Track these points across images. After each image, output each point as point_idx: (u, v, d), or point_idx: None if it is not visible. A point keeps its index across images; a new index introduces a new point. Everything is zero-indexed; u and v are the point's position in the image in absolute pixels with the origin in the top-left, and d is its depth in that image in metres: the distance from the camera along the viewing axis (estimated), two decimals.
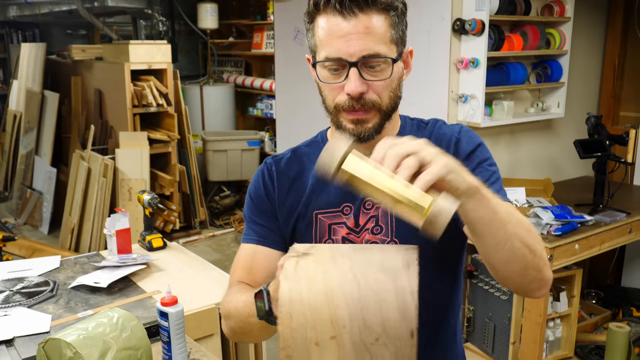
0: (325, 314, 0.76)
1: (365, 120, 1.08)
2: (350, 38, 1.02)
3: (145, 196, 2.30)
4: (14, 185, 6.24)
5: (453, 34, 2.72)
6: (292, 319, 0.78)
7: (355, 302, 0.76)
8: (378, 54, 1.03)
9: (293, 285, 0.79)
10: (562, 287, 2.79)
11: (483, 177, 1.10)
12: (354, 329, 0.75)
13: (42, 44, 6.38)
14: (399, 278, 0.77)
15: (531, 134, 3.21)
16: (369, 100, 1.06)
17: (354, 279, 0.78)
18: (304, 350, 0.77)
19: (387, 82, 1.06)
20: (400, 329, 0.74)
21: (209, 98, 6.16)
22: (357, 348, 0.75)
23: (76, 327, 1.10)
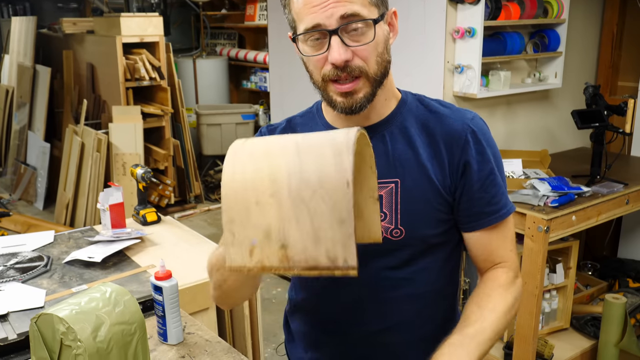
0: (265, 172, 0.78)
1: (354, 91, 1.05)
2: (327, 5, 0.99)
3: (138, 170, 2.27)
4: (8, 161, 6.20)
5: (449, 3, 2.67)
6: (234, 179, 0.79)
7: (294, 161, 0.77)
8: (357, 14, 1.00)
9: (238, 152, 0.81)
10: (558, 258, 2.79)
11: (490, 190, 1.12)
12: (292, 184, 0.76)
13: (33, 18, 6.28)
14: (337, 140, 0.78)
15: (528, 104, 3.18)
16: (355, 67, 1.03)
17: (295, 144, 0.80)
18: (245, 211, 0.78)
19: (372, 45, 1.03)
20: (335, 180, 0.75)
21: (202, 71, 6.09)
22: (296, 203, 0.76)
23: (69, 302, 1.08)
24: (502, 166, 1.16)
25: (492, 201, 1.12)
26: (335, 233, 0.75)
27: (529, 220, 2.40)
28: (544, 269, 2.43)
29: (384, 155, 1.13)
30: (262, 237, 0.77)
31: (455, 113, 1.15)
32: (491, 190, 1.12)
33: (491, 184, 1.12)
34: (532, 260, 2.41)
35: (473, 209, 1.13)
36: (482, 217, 1.13)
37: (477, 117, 1.16)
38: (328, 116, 1.20)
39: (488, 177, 1.12)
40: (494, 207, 1.13)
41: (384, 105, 1.15)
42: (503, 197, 1.14)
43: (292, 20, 1.06)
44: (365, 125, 1.14)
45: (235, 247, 0.79)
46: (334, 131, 0.83)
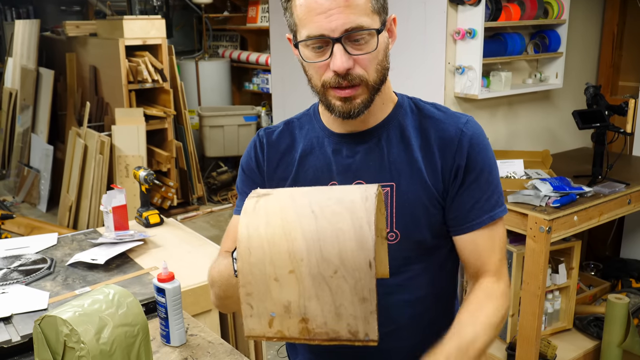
0: (283, 247, 0.75)
1: (353, 97, 1.06)
2: (331, 13, 0.99)
3: (141, 172, 2.29)
4: (12, 163, 6.22)
5: (449, 4, 2.68)
6: (250, 254, 0.77)
7: (312, 234, 0.75)
8: (361, 26, 1.01)
9: (251, 221, 0.78)
10: (560, 259, 2.80)
11: (479, 193, 1.12)
12: (312, 261, 0.74)
13: (36, 21, 6.30)
14: (356, 210, 0.76)
15: (529, 105, 3.19)
16: (355, 75, 1.04)
17: (312, 213, 0.77)
18: (264, 287, 0.76)
19: (373, 54, 1.04)
20: (358, 259, 0.73)
21: (204, 73, 6.11)
22: (317, 281, 0.74)
23: (72, 304, 1.09)
24: (496, 170, 1.16)
25: (479, 204, 1.13)
26: (356, 309, 0.74)
27: (530, 220, 2.40)
28: (546, 269, 2.43)
29: (379, 159, 1.14)
30: (282, 311, 0.77)
31: (450, 117, 1.16)
32: (479, 193, 1.13)
33: (480, 187, 1.13)
34: (534, 260, 2.41)
35: (461, 212, 1.13)
36: (468, 220, 1.13)
37: (471, 121, 1.16)
38: (325, 119, 1.21)
39: (477, 180, 1.12)
40: (481, 210, 1.13)
41: (381, 109, 1.15)
42: (491, 200, 1.14)
43: (294, 24, 1.07)
44: (362, 129, 1.15)
45: (254, 318, 0.78)
46: (349, 191, 0.80)
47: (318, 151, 1.18)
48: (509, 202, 2.50)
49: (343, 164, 1.15)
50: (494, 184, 1.14)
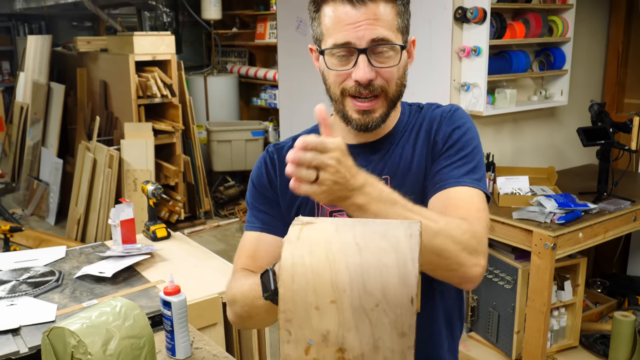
0: (326, 277, 0.76)
1: (372, 110, 1.10)
2: (360, 25, 1.04)
3: (149, 187, 2.32)
4: (22, 176, 6.28)
5: (455, 22, 2.71)
6: (293, 281, 0.78)
7: (356, 267, 0.76)
8: (387, 40, 1.05)
9: (295, 250, 0.79)
10: (566, 275, 2.80)
11: (447, 162, 1.13)
12: (354, 293, 0.75)
13: (48, 36, 6.40)
14: (400, 246, 0.77)
15: (534, 122, 3.20)
16: (377, 86, 1.08)
17: (356, 246, 0.78)
18: (304, 314, 0.77)
19: (394, 69, 1.08)
20: (400, 295, 0.74)
21: (213, 88, 6.17)
22: (357, 313, 0.75)
23: (80, 315, 1.11)
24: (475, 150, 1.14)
25: (443, 171, 1.12)
26: (394, 344, 0.75)
27: (535, 237, 2.41)
28: (551, 286, 2.44)
29: (390, 165, 1.18)
30: (320, 339, 0.77)
31: (440, 108, 1.22)
32: (443, 162, 1.13)
33: (447, 157, 1.13)
34: (539, 277, 2.41)
35: (433, 177, 1.13)
36: (438, 182, 1.12)
37: (456, 106, 1.22)
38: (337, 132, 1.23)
39: (445, 152, 1.14)
40: (443, 176, 1.11)
41: (391, 120, 1.20)
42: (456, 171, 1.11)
43: (321, 34, 1.11)
44: (374, 139, 1.19)
45: (291, 344, 0.79)
46: (393, 226, 0.81)
47: None
48: (514, 218, 2.51)
49: None
50: (466, 159, 1.12)
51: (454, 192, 1.09)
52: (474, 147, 1.14)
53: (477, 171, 1.12)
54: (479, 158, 1.15)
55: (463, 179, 1.10)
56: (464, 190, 1.09)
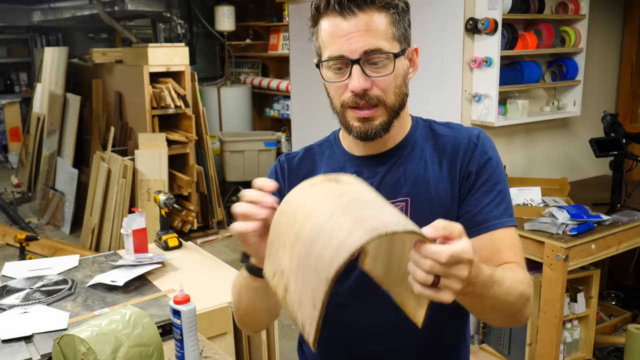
0: (297, 225, 0.83)
1: (371, 118, 1.10)
2: (352, 36, 1.04)
3: (161, 196, 2.34)
4: (38, 186, 6.36)
5: (466, 33, 2.72)
6: (281, 215, 0.88)
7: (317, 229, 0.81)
8: (379, 49, 1.05)
9: (300, 193, 0.88)
10: (579, 287, 2.77)
11: (487, 198, 1.13)
12: (302, 249, 0.81)
13: (65, 48, 6.49)
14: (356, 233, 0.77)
15: (547, 132, 3.19)
16: (373, 96, 1.08)
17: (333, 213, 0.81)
18: (278, 246, 0.86)
19: (390, 77, 1.08)
20: (323, 270, 0.77)
21: (226, 99, 6.21)
22: (299, 267, 0.81)
23: (90, 323, 1.13)
24: (505, 183, 1.17)
25: (484, 210, 1.13)
26: (308, 310, 0.80)
27: (547, 248, 2.39)
28: (563, 298, 2.42)
29: (397, 178, 1.17)
30: (279, 272, 0.86)
31: (462, 131, 1.20)
32: (484, 200, 1.13)
33: (486, 193, 1.14)
34: (551, 289, 2.40)
35: (466, 216, 1.14)
36: (474, 225, 1.13)
37: (482, 133, 1.20)
38: (345, 144, 1.25)
39: (483, 186, 1.14)
40: (486, 216, 1.13)
41: (399, 132, 1.20)
42: (497, 209, 1.13)
43: (319, 48, 1.13)
44: (381, 151, 1.19)
45: (267, 263, 0.90)
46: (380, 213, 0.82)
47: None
48: (526, 229, 2.50)
49: None
50: (502, 194, 1.15)
51: (498, 235, 1.12)
52: (504, 179, 1.17)
53: (510, 204, 1.16)
54: (507, 188, 1.17)
55: (503, 219, 1.13)
56: (507, 233, 1.12)
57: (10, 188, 6.90)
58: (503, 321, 1.07)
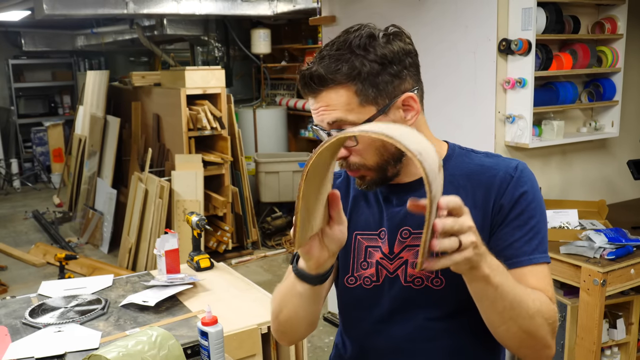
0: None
1: (361, 177, 1.14)
2: (318, 112, 1.10)
3: (193, 218, 2.37)
4: (78, 205, 6.52)
5: (499, 54, 2.69)
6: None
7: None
8: (340, 121, 1.08)
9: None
10: (619, 313, 2.68)
11: (519, 233, 1.11)
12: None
13: (106, 72, 6.68)
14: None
15: (584, 154, 3.13)
16: (352, 163, 1.12)
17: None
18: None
19: (368, 143, 1.09)
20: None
21: (261, 121, 6.29)
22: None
23: (117, 344, 1.15)
24: (541, 218, 1.14)
25: (515, 245, 1.11)
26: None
27: (584, 272, 2.33)
28: (601, 323, 2.35)
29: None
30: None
31: (500, 162, 1.17)
32: (516, 234, 1.11)
33: (517, 228, 1.12)
34: (588, 314, 2.33)
35: (504, 249, 1.12)
36: (510, 258, 1.11)
37: (522, 165, 1.17)
38: None
39: (515, 220, 1.12)
40: (516, 251, 1.11)
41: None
42: (527, 245, 1.11)
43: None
44: (408, 181, 1.19)
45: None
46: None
47: (372, 199, 1.23)
48: (562, 252, 2.44)
49: (392, 211, 1.19)
50: (535, 229, 1.12)
51: (528, 271, 1.10)
52: (541, 213, 1.14)
53: (544, 240, 1.14)
54: (544, 223, 1.15)
55: (535, 256, 1.11)
56: (538, 270, 1.11)
57: (52, 208, 7.10)
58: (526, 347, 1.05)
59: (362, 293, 1.22)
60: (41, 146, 9.06)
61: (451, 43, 2.89)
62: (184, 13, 5.27)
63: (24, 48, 8.68)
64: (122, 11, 5.10)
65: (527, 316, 1.00)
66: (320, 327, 3.89)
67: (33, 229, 6.45)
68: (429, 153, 0.86)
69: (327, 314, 3.97)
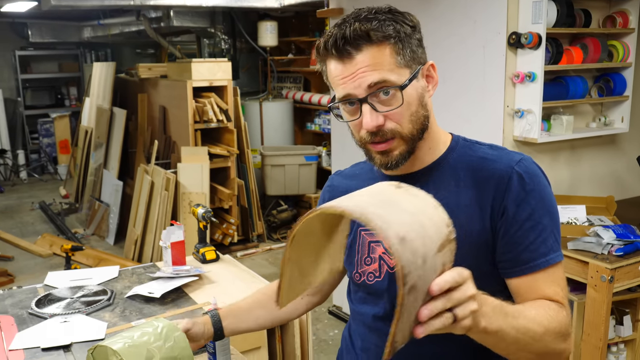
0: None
1: (390, 149, 1.09)
2: (354, 76, 1.04)
3: (199, 210, 2.36)
4: (84, 197, 6.53)
5: (509, 47, 2.67)
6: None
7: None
8: (384, 81, 1.04)
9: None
10: (626, 310, 2.67)
11: (533, 234, 1.08)
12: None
13: (112, 63, 6.68)
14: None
15: (593, 149, 3.10)
16: (388, 130, 1.07)
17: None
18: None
19: (403, 107, 1.06)
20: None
21: (268, 114, 6.27)
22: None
23: (122, 335, 1.14)
24: (552, 212, 1.11)
25: (530, 248, 1.08)
26: None
27: (591, 269, 2.32)
28: (608, 320, 2.33)
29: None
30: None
31: (504, 156, 1.13)
32: (530, 235, 1.08)
33: (531, 229, 1.08)
34: (595, 310, 2.32)
35: (510, 254, 1.09)
36: (518, 264, 1.09)
37: (525, 160, 1.12)
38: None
39: (527, 221, 1.08)
40: (532, 254, 1.08)
41: (428, 153, 1.16)
42: (547, 244, 1.08)
43: (330, 86, 1.13)
44: (411, 171, 1.17)
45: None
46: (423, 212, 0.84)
47: None
48: (569, 248, 2.43)
49: None
50: (548, 227, 1.08)
51: (542, 276, 1.08)
52: (552, 209, 1.10)
53: (558, 236, 1.10)
54: (556, 218, 1.11)
55: (550, 256, 1.08)
56: (552, 271, 1.08)
57: (58, 199, 7.12)
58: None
59: (366, 289, 1.22)
60: (48, 137, 9.08)
61: (460, 37, 2.87)
62: (190, 5, 5.26)
63: (31, 39, 8.69)
64: (129, 2, 5.09)
65: (534, 341, 0.97)
66: (325, 320, 3.89)
67: (39, 220, 6.47)
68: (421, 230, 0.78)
69: (332, 307, 3.97)
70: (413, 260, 0.74)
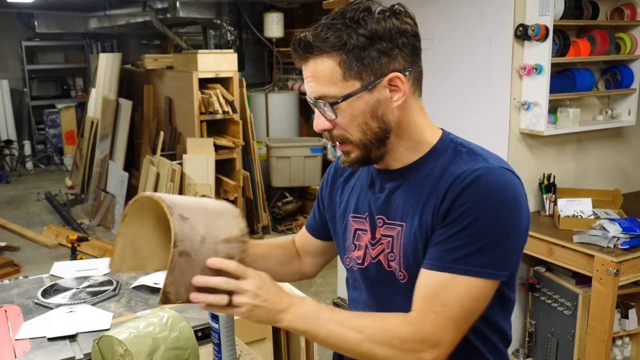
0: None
1: (346, 151, 1.13)
2: (307, 80, 1.08)
3: None
4: (90, 188, 6.55)
5: (515, 40, 2.66)
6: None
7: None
8: (321, 96, 1.06)
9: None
10: (631, 303, 2.67)
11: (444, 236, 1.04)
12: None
13: (118, 54, 6.68)
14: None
15: (599, 142, 3.09)
16: (336, 135, 1.10)
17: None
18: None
19: (346, 119, 1.07)
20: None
21: (273, 105, 6.27)
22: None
23: (128, 325, 1.15)
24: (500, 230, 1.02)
25: (446, 249, 1.04)
26: None
27: (597, 262, 2.31)
28: (613, 313, 2.33)
29: (397, 200, 1.14)
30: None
31: (471, 161, 1.09)
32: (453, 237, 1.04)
33: (455, 236, 1.03)
34: (600, 304, 2.31)
35: (431, 247, 1.07)
36: (429, 258, 1.06)
37: (487, 170, 1.05)
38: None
39: (454, 225, 1.04)
40: (446, 255, 1.04)
41: (405, 154, 1.14)
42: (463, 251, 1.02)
43: None
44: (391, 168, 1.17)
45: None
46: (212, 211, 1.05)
47: (364, 182, 1.24)
48: (575, 241, 2.42)
49: (374, 197, 1.19)
50: (472, 239, 1.02)
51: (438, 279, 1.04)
52: (490, 227, 1.02)
53: (485, 254, 1.01)
54: (495, 238, 1.02)
55: (456, 266, 1.02)
56: (451, 281, 1.02)
57: (64, 190, 7.14)
58: None
59: (353, 275, 1.25)
60: (54, 128, 9.10)
61: (467, 29, 2.85)
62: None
63: (37, 30, 8.69)
64: None
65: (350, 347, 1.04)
66: None
67: (45, 211, 6.49)
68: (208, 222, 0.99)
69: (337, 299, 3.98)
70: (189, 234, 0.95)
